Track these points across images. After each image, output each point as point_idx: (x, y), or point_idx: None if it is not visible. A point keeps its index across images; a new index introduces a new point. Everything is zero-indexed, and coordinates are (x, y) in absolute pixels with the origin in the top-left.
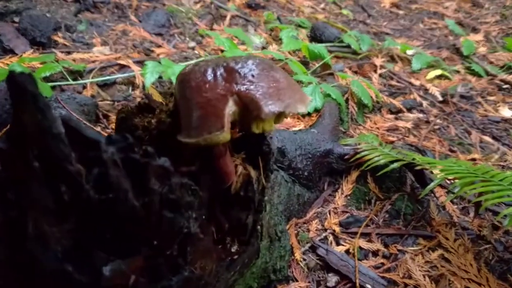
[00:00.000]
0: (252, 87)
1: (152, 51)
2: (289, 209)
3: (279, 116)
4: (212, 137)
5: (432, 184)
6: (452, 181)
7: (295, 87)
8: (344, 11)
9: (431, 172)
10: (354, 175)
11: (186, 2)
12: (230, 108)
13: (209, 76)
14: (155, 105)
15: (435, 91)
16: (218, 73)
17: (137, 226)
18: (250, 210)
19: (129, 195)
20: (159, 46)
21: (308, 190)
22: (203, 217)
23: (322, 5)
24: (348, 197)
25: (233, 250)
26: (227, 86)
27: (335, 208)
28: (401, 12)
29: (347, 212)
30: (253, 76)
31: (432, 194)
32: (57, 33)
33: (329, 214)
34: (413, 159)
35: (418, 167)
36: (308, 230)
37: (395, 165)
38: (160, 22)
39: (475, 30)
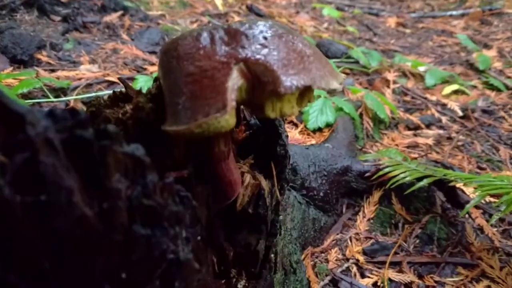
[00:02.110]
0: (264, 51)
1: (145, 69)
2: (303, 235)
3: (303, 96)
4: (210, 122)
5: (472, 202)
6: (488, 200)
7: (323, 59)
8: (350, 28)
9: (462, 191)
10: (377, 195)
11: (182, 22)
12: (235, 80)
13: (204, 40)
14: (133, 94)
15: (454, 106)
16: (217, 36)
17: (91, 249)
18: (262, 233)
19: (74, 197)
20: (153, 64)
21: (324, 214)
22: (199, 238)
23: (325, 24)
24: (371, 221)
25: (240, 286)
26: (229, 52)
27: (357, 233)
28: (407, 30)
29: (371, 238)
30: (265, 38)
31: (467, 215)
32: (41, 51)
33: (350, 241)
34: (445, 174)
35: (452, 184)
36: (327, 261)
37: (425, 181)
38: (154, 40)
39: (487, 46)
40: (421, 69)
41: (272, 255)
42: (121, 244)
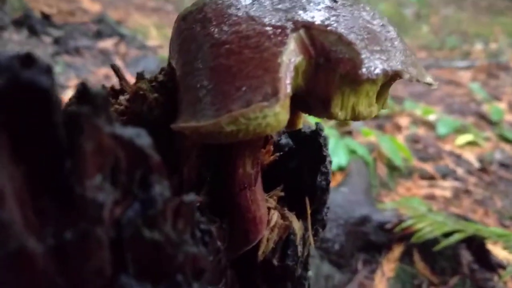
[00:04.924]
0: (335, 17)
1: None
2: None
3: (380, 93)
4: (252, 115)
5: None
6: None
7: (406, 45)
8: None
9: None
10: (397, 250)
11: None
12: (291, 55)
13: None
14: (129, 87)
15: (471, 157)
16: None
17: None
18: None
19: (4, 213)
20: None
21: (338, 270)
22: None
23: None
24: (391, 281)
25: None
26: (284, 12)
27: None
28: None
29: None
30: (335, 1)
31: (497, 277)
32: None
33: None
34: (477, 230)
35: (484, 241)
36: None
37: (456, 237)
38: (150, 68)
39: (496, 99)
40: (432, 118)
41: None
42: None
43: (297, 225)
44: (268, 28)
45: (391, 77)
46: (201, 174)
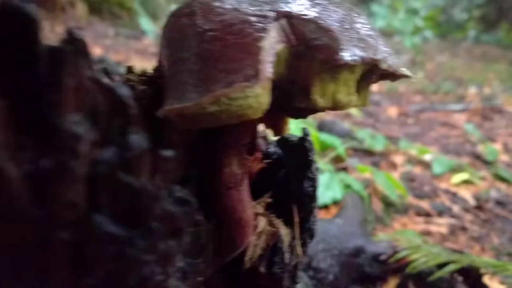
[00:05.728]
0: (316, 9)
1: None
2: None
3: (359, 86)
4: (233, 95)
5: None
6: None
7: (383, 38)
8: (353, 111)
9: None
10: (393, 283)
11: None
12: (273, 41)
13: None
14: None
15: (467, 195)
16: None
17: (3, 255)
18: None
19: None
20: None
21: None
22: (200, 279)
23: None
24: None
25: None
26: (268, 4)
27: None
28: (410, 120)
29: None
30: None
31: None
32: None
33: None
34: (473, 260)
35: (480, 273)
36: None
37: (451, 267)
38: None
39: (491, 140)
40: (427, 157)
41: None
42: (67, 249)
43: (284, 231)
44: (251, 17)
45: (370, 69)
46: (188, 171)
